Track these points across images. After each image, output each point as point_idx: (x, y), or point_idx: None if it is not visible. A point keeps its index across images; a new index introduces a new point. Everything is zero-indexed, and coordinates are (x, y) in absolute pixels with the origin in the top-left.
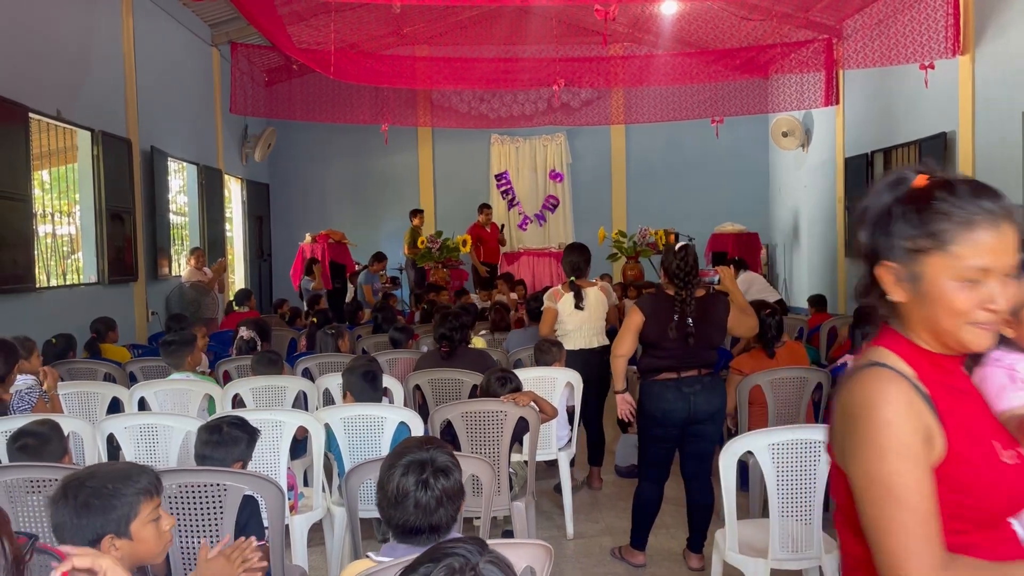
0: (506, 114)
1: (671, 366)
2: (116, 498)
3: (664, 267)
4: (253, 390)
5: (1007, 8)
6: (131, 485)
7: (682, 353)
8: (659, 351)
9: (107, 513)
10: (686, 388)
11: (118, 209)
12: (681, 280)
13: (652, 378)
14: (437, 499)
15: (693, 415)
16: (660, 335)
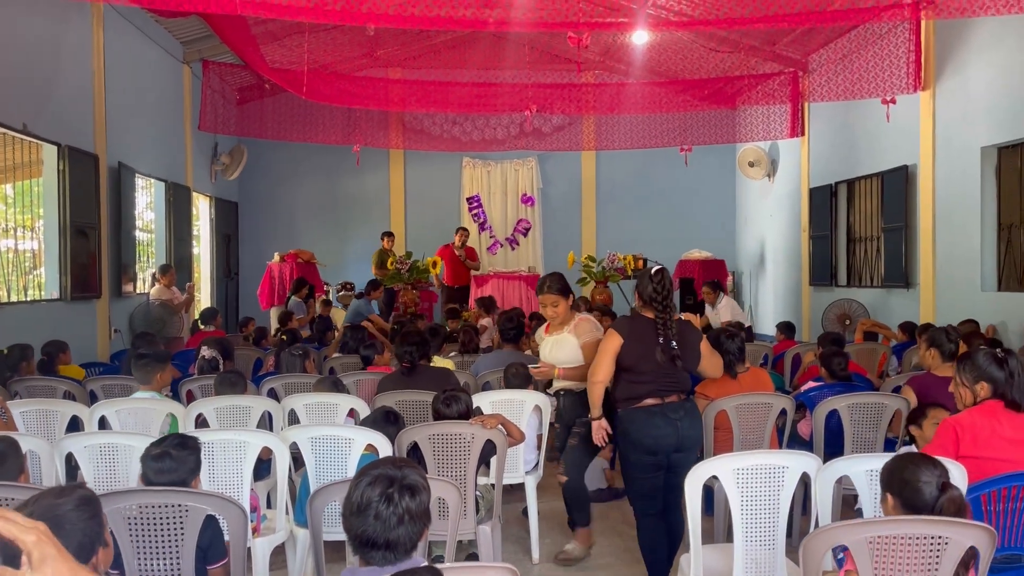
0: (478, 137)
1: (652, 392)
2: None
3: (639, 292)
4: (217, 410)
5: (966, 46)
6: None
7: (663, 378)
8: (638, 376)
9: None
10: (672, 414)
11: (83, 225)
12: (660, 304)
13: (634, 405)
14: (399, 516)
15: (680, 442)
16: (640, 359)
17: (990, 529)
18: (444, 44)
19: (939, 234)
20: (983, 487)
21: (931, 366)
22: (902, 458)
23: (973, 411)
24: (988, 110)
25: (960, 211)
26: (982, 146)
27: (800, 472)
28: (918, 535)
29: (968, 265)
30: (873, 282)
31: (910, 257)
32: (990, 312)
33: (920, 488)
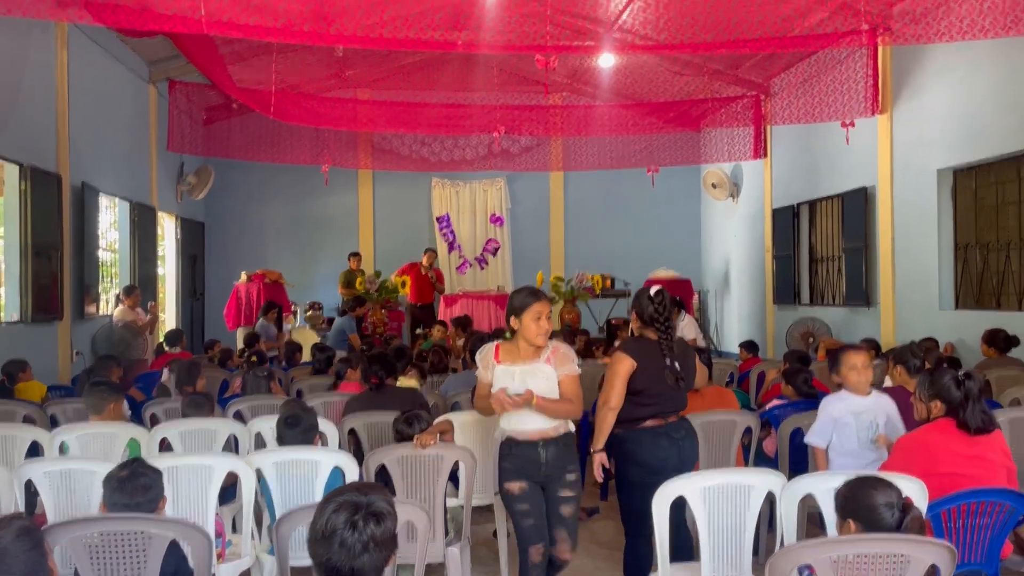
0: (447, 158)
1: (655, 412)
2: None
3: (638, 314)
4: (182, 433)
5: (922, 71)
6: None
7: (668, 398)
8: (645, 398)
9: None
10: (674, 434)
11: (45, 245)
12: (662, 324)
13: (637, 426)
14: (364, 543)
15: (681, 462)
16: (650, 381)
17: (950, 547)
18: (413, 65)
19: (898, 254)
20: (943, 504)
21: (898, 382)
22: (857, 483)
23: (926, 428)
24: (943, 133)
25: (918, 232)
26: (938, 168)
27: (766, 491)
28: (881, 553)
29: (926, 284)
30: (835, 301)
31: (870, 276)
32: (948, 330)
33: (881, 513)
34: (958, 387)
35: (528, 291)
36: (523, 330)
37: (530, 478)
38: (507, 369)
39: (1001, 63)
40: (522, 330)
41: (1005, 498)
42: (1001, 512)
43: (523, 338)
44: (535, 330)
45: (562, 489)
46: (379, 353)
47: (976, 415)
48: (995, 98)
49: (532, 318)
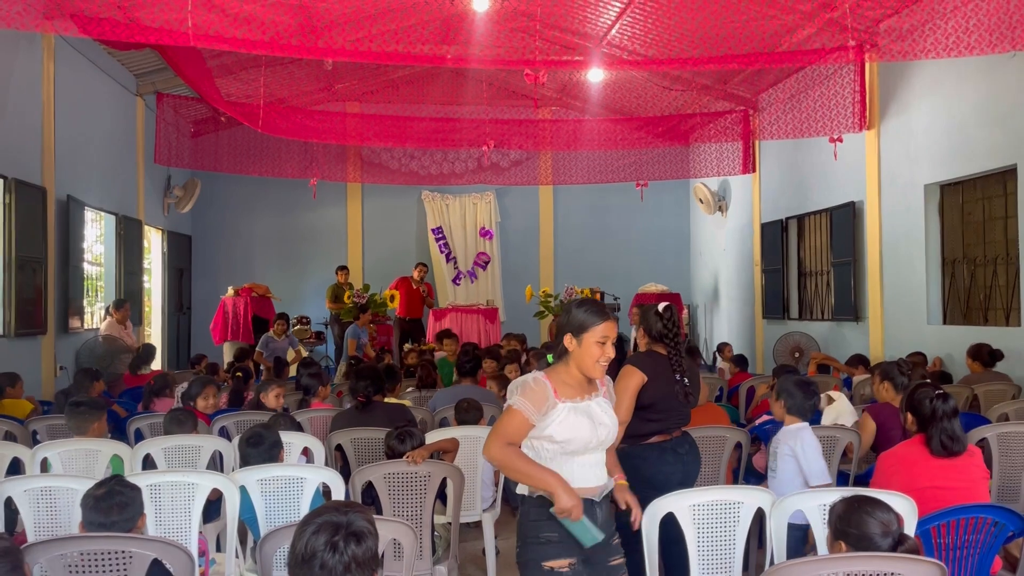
0: (436, 171)
1: (662, 428)
2: None
3: (646, 330)
4: (165, 450)
5: (909, 87)
6: None
7: (675, 414)
8: (653, 412)
9: None
10: (679, 450)
11: (29, 259)
12: (671, 340)
13: (643, 442)
14: (345, 564)
15: (685, 477)
16: (660, 396)
17: (941, 566)
18: (402, 79)
19: (886, 269)
20: (932, 520)
21: (885, 399)
22: (854, 507)
23: (904, 444)
24: (930, 149)
25: (905, 246)
26: (925, 183)
27: (755, 507)
28: (871, 572)
29: (914, 299)
30: (824, 315)
31: (859, 291)
32: (936, 344)
33: (876, 541)
34: (929, 403)
35: (593, 306)
36: (581, 354)
37: (580, 551)
38: (576, 407)
39: (987, 79)
40: (580, 354)
41: (994, 514)
42: (990, 528)
43: (576, 365)
44: (597, 357)
45: (612, 556)
46: (367, 368)
47: (939, 438)
48: (981, 114)
49: (596, 341)
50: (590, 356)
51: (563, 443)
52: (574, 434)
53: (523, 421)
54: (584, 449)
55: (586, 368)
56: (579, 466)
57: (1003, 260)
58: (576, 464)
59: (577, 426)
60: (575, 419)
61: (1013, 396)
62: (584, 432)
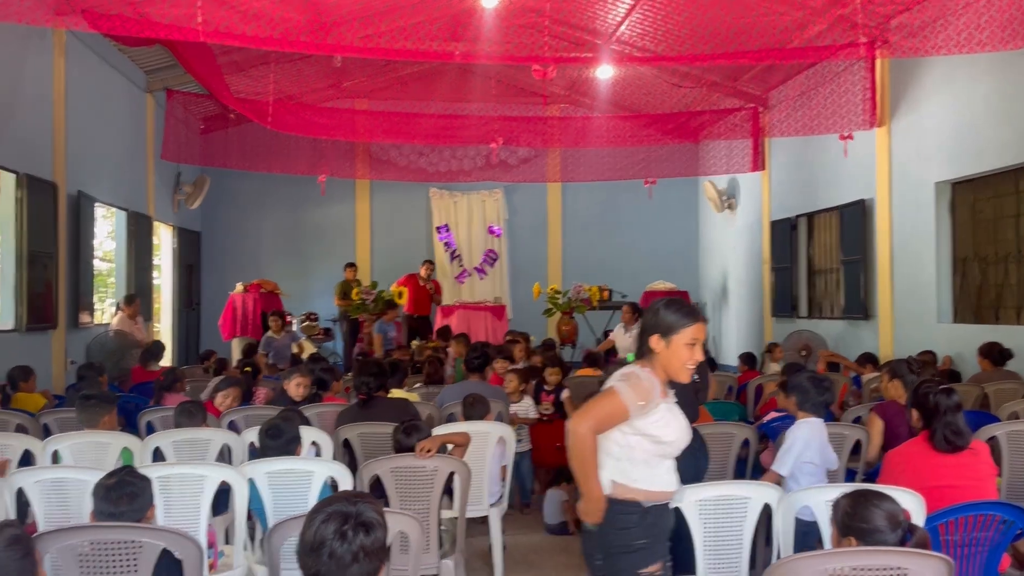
0: (445, 168)
1: None
2: None
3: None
4: (175, 443)
5: (920, 84)
6: None
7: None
8: None
9: None
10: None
11: (40, 254)
12: None
13: None
14: (353, 554)
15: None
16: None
17: (949, 560)
18: (411, 76)
19: (896, 267)
20: (940, 517)
21: (894, 396)
22: (860, 501)
23: (909, 442)
24: (941, 146)
25: (916, 244)
26: (936, 181)
27: (762, 503)
28: (879, 566)
29: (924, 297)
30: (833, 313)
31: (869, 289)
32: (946, 343)
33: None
34: (933, 398)
35: (683, 307)
36: (669, 357)
37: (666, 554)
38: (670, 407)
39: (999, 76)
40: (667, 356)
41: (1003, 511)
42: (998, 526)
43: (663, 367)
44: (686, 359)
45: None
46: (370, 364)
47: (942, 433)
48: (993, 111)
49: (686, 343)
50: (679, 359)
51: (668, 444)
52: (674, 434)
53: (621, 410)
54: (675, 452)
55: (674, 371)
56: (666, 470)
57: (1014, 258)
58: (663, 467)
59: (676, 426)
60: (673, 420)
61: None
62: (681, 432)
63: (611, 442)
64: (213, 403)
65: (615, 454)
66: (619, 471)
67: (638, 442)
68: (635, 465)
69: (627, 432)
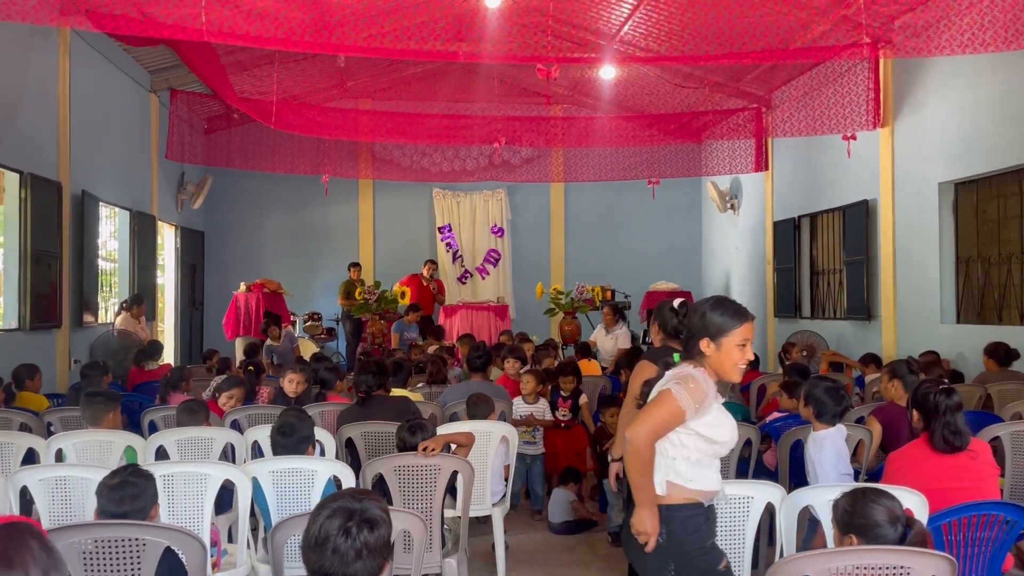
0: (448, 168)
1: None
2: None
3: (660, 326)
4: (178, 442)
5: (923, 85)
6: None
7: None
8: None
9: None
10: None
11: (44, 253)
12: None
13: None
14: (357, 550)
15: None
16: None
17: (951, 559)
18: (414, 76)
19: (899, 267)
20: (943, 517)
21: (894, 397)
22: (859, 498)
23: (912, 444)
24: (944, 147)
25: (919, 245)
26: (939, 182)
27: (765, 502)
28: (881, 565)
29: (927, 298)
30: (836, 314)
31: (871, 290)
32: (949, 344)
33: (884, 530)
34: (933, 398)
35: (731, 307)
36: (720, 359)
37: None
38: (721, 407)
39: (1002, 77)
40: (718, 359)
41: (1005, 511)
42: (1001, 525)
43: (713, 368)
44: (737, 360)
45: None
46: (369, 363)
47: (942, 433)
48: (996, 111)
49: (737, 344)
50: (730, 360)
51: (721, 444)
52: (727, 434)
53: (678, 413)
54: (728, 451)
55: (725, 372)
56: (715, 469)
57: (1018, 259)
58: (715, 467)
59: (729, 426)
60: (727, 420)
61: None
62: (732, 432)
63: (666, 442)
64: (216, 402)
65: (670, 454)
66: (674, 472)
67: (693, 442)
68: (690, 465)
69: (682, 432)
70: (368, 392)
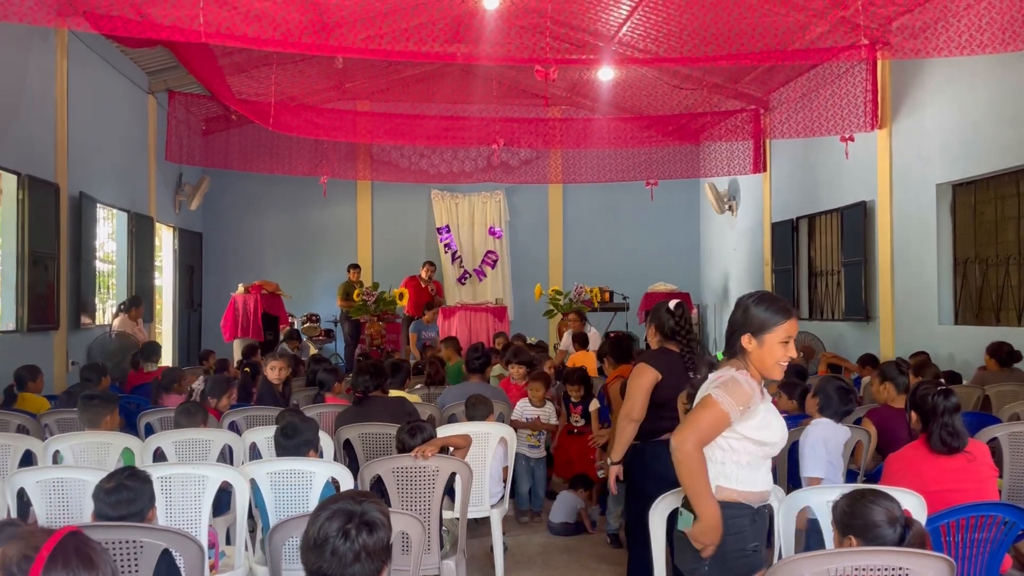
0: (446, 170)
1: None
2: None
3: (657, 327)
4: (176, 443)
5: (921, 87)
6: None
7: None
8: (667, 411)
9: None
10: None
11: (42, 255)
12: (683, 337)
13: (656, 439)
14: (356, 552)
15: None
16: (673, 394)
17: (950, 561)
18: (412, 78)
19: (897, 269)
20: (942, 518)
21: (886, 399)
22: (857, 499)
23: (910, 446)
24: (942, 148)
25: (917, 246)
26: (937, 183)
27: None
28: (880, 566)
29: (925, 299)
30: (834, 315)
31: (869, 291)
32: (947, 345)
33: (883, 531)
34: (931, 399)
35: (774, 303)
36: (762, 356)
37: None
38: (769, 407)
39: (1000, 78)
40: (760, 356)
41: (1004, 512)
42: (1000, 526)
43: (755, 365)
44: (779, 357)
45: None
46: (367, 365)
47: (939, 434)
48: (994, 113)
49: (780, 341)
50: (772, 357)
51: (770, 445)
52: (776, 435)
53: (723, 418)
54: (777, 452)
55: (767, 369)
56: (766, 470)
57: (1016, 260)
58: (765, 468)
59: (777, 425)
60: (774, 420)
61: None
62: (781, 432)
63: (714, 446)
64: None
65: (718, 458)
66: (723, 475)
67: (741, 445)
68: (740, 468)
69: (729, 436)
70: (365, 393)
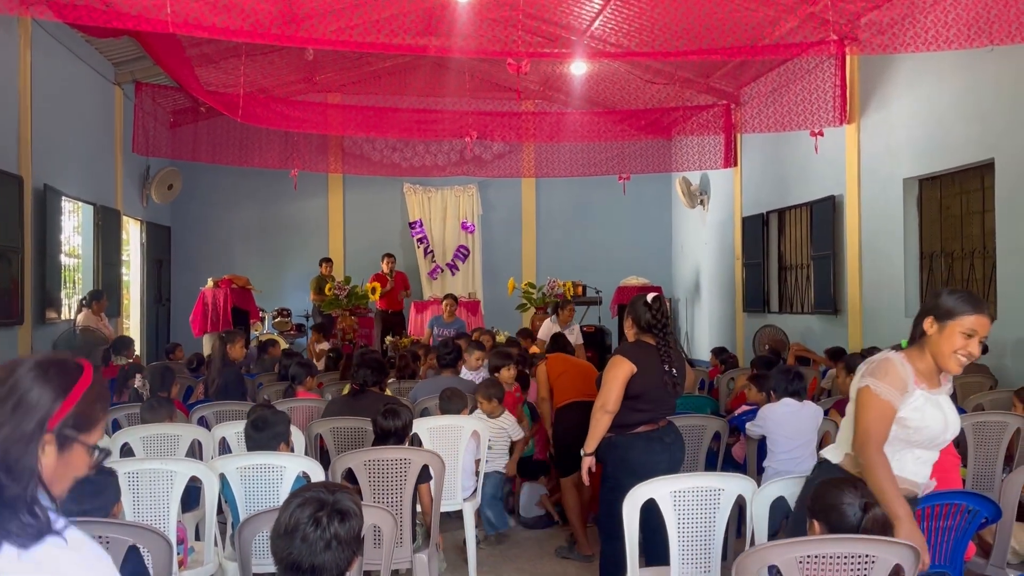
0: (418, 163)
1: (650, 418)
2: None
3: (634, 320)
4: (143, 439)
5: (889, 82)
6: None
7: (662, 403)
8: (642, 403)
9: None
10: (666, 438)
11: (5, 249)
12: (660, 330)
13: (631, 431)
14: (326, 540)
15: (671, 466)
16: (648, 386)
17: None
18: (384, 70)
19: (865, 262)
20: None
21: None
22: (825, 483)
23: None
24: (910, 143)
25: (884, 240)
26: (904, 178)
27: (736, 494)
28: (846, 553)
29: (892, 292)
30: (804, 308)
31: (838, 284)
32: None
33: (844, 511)
34: None
35: (968, 296)
36: (940, 341)
37: None
38: (929, 397)
39: (966, 75)
40: (938, 341)
41: (968, 501)
42: (964, 515)
43: (932, 352)
44: (957, 347)
45: None
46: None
47: None
48: (960, 109)
49: (962, 331)
50: (950, 345)
51: (913, 430)
52: (927, 423)
53: (890, 410)
54: (929, 443)
55: (942, 358)
56: (913, 459)
57: (980, 254)
58: (911, 455)
59: (932, 417)
60: (931, 410)
61: (991, 387)
62: (936, 426)
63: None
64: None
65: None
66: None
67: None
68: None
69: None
70: (363, 386)
